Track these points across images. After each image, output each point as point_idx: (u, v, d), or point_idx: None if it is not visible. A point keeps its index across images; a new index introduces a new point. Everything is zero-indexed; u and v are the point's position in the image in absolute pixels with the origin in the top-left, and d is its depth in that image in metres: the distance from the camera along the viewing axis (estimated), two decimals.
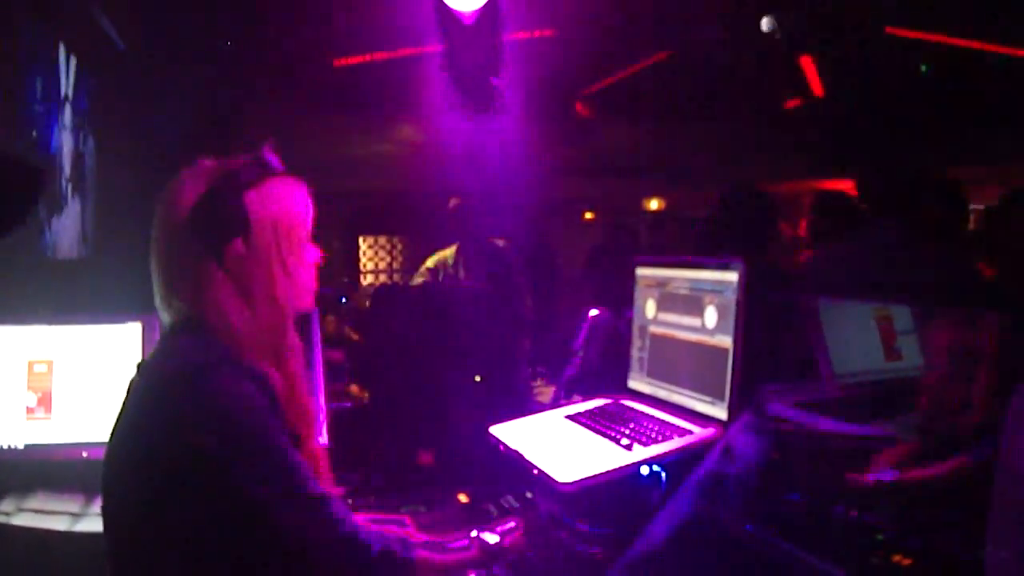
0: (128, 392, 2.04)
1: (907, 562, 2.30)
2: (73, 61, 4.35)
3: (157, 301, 2.08)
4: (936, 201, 4.70)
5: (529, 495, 2.97)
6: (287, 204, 2.13)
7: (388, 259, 12.11)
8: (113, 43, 4.52)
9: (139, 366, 2.08)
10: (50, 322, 3.43)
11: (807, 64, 7.86)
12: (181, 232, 1.99)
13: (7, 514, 3.14)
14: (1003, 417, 1.89)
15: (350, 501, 3.07)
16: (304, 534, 1.93)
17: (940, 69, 7.78)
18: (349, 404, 4.00)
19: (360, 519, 2.18)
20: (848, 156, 8.97)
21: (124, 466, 1.97)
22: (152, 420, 1.94)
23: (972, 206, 4.94)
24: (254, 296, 2.04)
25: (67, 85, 4.34)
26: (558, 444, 2.79)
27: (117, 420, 2.02)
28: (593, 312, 3.34)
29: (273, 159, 2.14)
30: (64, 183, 4.29)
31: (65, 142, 4.32)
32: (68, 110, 4.38)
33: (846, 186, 8.55)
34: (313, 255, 2.19)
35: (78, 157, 4.55)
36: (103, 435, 2.99)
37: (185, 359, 1.99)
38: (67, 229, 4.32)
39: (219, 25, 5.14)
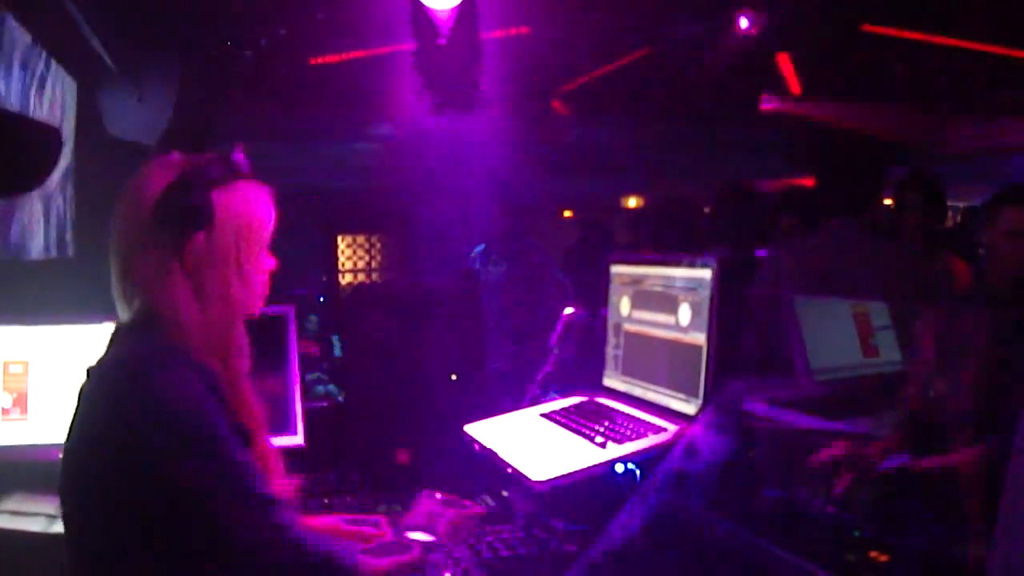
0: (79, 396, 2.04)
1: (884, 558, 2.31)
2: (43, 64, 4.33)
3: (115, 294, 2.08)
4: (917, 197, 4.75)
5: (505, 493, 2.98)
6: (252, 208, 2.13)
7: (367, 258, 12.09)
8: (90, 45, 4.50)
9: (88, 370, 2.08)
10: (26, 323, 3.42)
11: (784, 62, 7.89)
12: (144, 221, 1.99)
13: None
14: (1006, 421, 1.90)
15: (326, 501, 3.07)
16: (246, 533, 1.92)
17: (916, 66, 7.81)
18: (325, 403, 4.00)
19: (307, 523, 2.20)
20: (825, 154, 9.00)
21: (76, 467, 1.97)
22: (98, 417, 1.95)
23: (951, 203, 4.97)
24: (207, 293, 2.03)
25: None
26: (532, 442, 2.80)
27: (70, 425, 2.01)
28: (568, 310, 3.34)
29: (243, 161, 2.13)
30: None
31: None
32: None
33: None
34: (269, 262, 2.19)
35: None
36: None
37: (131, 355, 2.00)
38: (36, 231, 4.30)
39: (194, 24, 5.12)
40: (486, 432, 2.95)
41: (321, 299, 7.03)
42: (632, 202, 13.43)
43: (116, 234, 2.05)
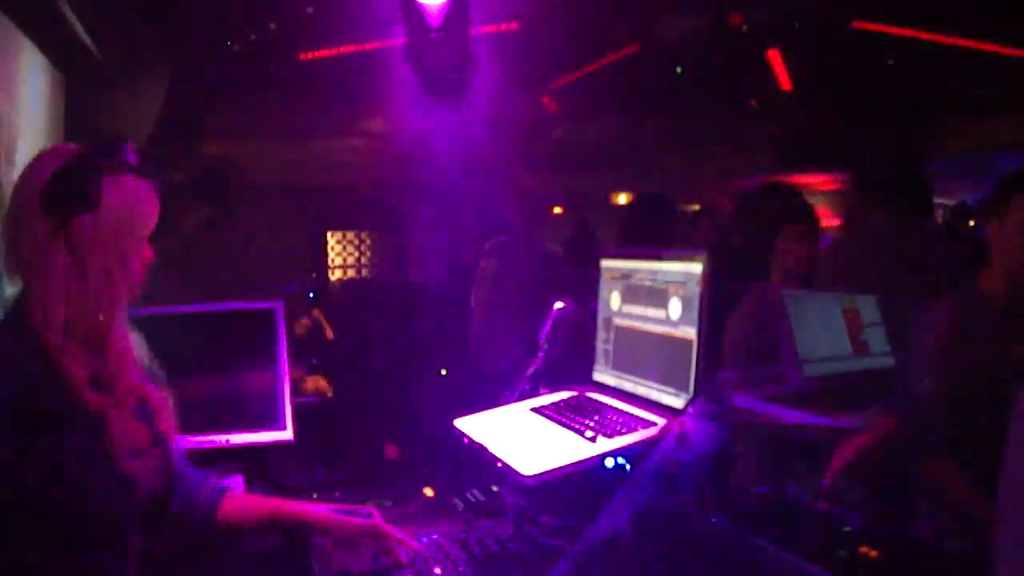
0: None
1: (874, 554, 2.31)
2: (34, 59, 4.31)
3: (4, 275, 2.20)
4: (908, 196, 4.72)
5: (495, 489, 2.97)
6: (137, 199, 2.21)
7: (356, 254, 12.08)
8: (80, 40, 4.49)
9: None
10: None
11: (774, 58, 7.89)
12: (32, 201, 2.08)
13: None
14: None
15: (315, 495, 3.07)
16: None
17: (906, 63, 7.82)
18: (315, 399, 3.99)
19: None
20: (815, 150, 9.02)
21: None
22: None
23: (941, 201, 4.97)
24: (88, 276, 2.11)
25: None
26: (522, 437, 2.79)
27: None
28: (558, 304, 3.34)
29: (132, 154, 2.22)
30: None
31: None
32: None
33: (812, 180, 8.60)
34: (148, 253, 2.26)
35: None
36: None
37: None
38: None
39: (184, 19, 5.11)
40: (476, 426, 2.95)
41: (311, 295, 7.04)
42: (622, 199, 13.42)
43: (8, 214, 2.14)
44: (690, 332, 2.67)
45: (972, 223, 8.16)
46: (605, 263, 3.26)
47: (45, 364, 2.06)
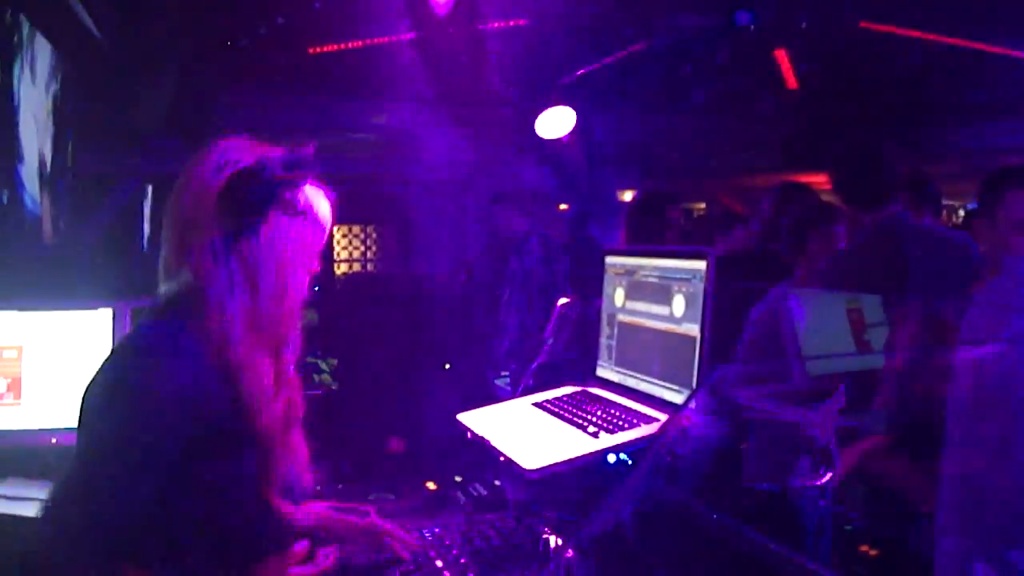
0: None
1: (874, 553, 2.33)
2: (42, 55, 4.33)
3: (161, 268, 2.07)
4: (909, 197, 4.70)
5: (497, 483, 2.98)
6: (318, 209, 2.15)
7: (362, 248, 12.08)
8: (87, 30, 4.50)
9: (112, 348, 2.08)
10: (20, 308, 3.42)
11: (781, 57, 7.89)
12: (211, 201, 1.99)
13: None
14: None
15: (318, 488, 3.07)
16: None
17: (915, 64, 7.81)
18: (319, 391, 4.00)
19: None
20: (822, 150, 9.01)
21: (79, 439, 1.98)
22: (97, 394, 1.96)
23: (949, 202, 4.94)
24: (260, 284, 2.03)
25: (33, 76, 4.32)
26: (525, 431, 2.80)
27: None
28: (562, 300, 3.35)
29: (313, 160, 2.14)
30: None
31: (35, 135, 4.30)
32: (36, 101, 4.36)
33: (818, 180, 8.59)
34: (316, 266, 2.19)
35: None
36: (73, 421, 3.00)
37: (147, 334, 2.03)
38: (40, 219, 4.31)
39: (193, 12, 5.12)
40: (478, 421, 2.96)
41: (316, 288, 7.03)
42: (628, 196, 13.44)
43: (178, 208, 2.04)
44: (693, 329, 2.68)
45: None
46: (610, 259, 3.26)
47: (222, 379, 1.96)
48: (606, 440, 2.57)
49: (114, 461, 1.87)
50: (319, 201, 2.16)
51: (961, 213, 10.65)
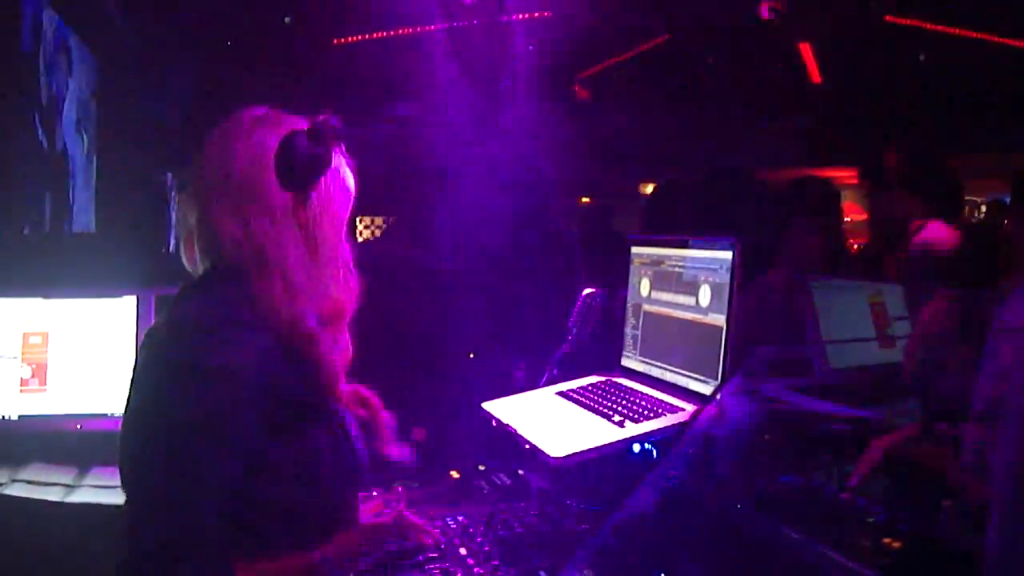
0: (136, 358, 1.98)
1: (897, 545, 2.31)
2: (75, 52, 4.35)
3: (198, 246, 2.04)
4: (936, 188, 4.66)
5: (520, 472, 2.98)
6: (349, 173, 2.16)
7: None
8: (116, 25, 4.52)
9: (147, 331, 2.03)
10: (46, 295, 3.44)
11: (806, 51, 7.88)
12: (268, 171, 1.97)
13: (1, 484, 3.16)
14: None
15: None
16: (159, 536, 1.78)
17: (939, 58, 7.79)
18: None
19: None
20: (844, 143, 9.00)
21: (125, 426, 1.92)
22: (145, 378, 1.91)
23: (971, 197, 4.93)
24: (320, 250, 2.01)
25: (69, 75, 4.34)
26: (550, 420, 2.80)
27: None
28: (587, 290, 3.34)
29: (343, 129, 2.13)
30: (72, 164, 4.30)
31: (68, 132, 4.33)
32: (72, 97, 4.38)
33: (840, 173, 8.57)
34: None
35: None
36: (97, 407, 3.01)
37: (199, 311, 1.96)
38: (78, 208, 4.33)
39: (217, 4, 5.13)
40: (503, 409, 2.96)
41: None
42: (650, 189, 13.44)
43: (224, 173, 1.98)
44: (719, 319, 2.67)
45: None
46: (636, 249, 3.26)
47: (288, 350, 1.93)
48: (632, 429, 2.56)
49: (203, 448, 1.81)
50: (347, 170, 2.15)
51: (983, 209, 10.59)
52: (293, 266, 1.95)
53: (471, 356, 3.55)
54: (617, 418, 2.64)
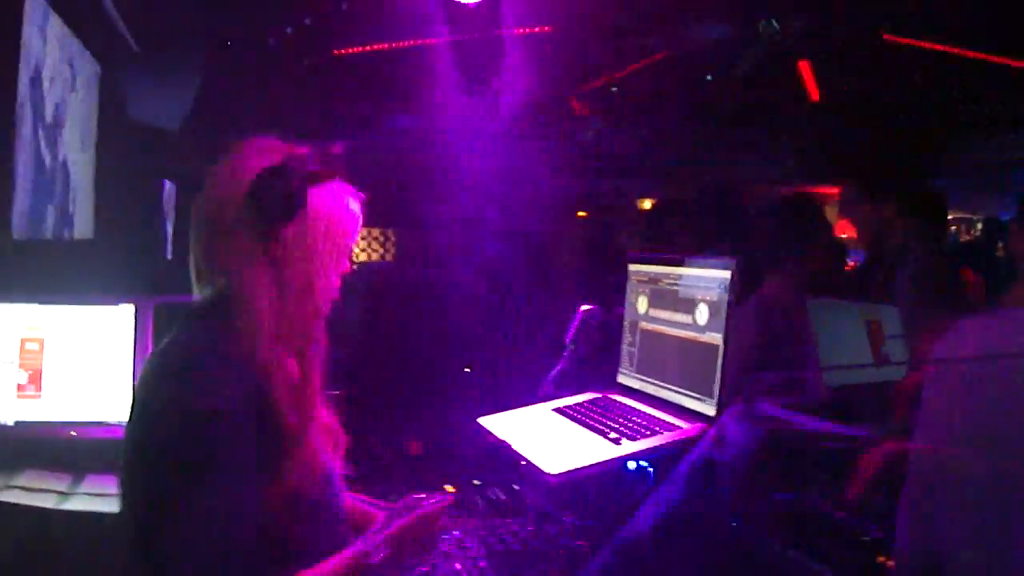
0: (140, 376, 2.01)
1: (891, 564, 2.32)
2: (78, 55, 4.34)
3: (193, 274, 2.06)
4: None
5: (516, 487, 2.99)
6: (342, 208, 2.12)
7: (381, 251, 12.09)
8: (119, 32, 4.52)
9: (152, 352, 2.06)
10: (43, 301, 3.44)
11: (804, 68, 7.88)
12: (237, 203, 1.97)
13: None
14: None
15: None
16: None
17: (938, 76, 7.80)
18: (337, 391, 4.00)
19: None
20: (842, 161, 9.00)
21: (126, 450, 1.93)
22: (142, 403, 1.94)
23: (966, 215, 4.95)
24: (289, 286, 2.01)
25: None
26: (546, 436, 2.80)
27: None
28: (584, 307, 3.35)
29: (341, 160, 2.12)
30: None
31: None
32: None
33: (835, 191, 8.58)
34: (345, 266, 2.16)
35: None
36: (92, 414, 3.00)
37: (187, 343, 1.98)
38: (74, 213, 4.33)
39: (219, 10, 5.13)
40: (500, 425, 2.96)
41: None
42: (648, 204, 13.45)
43: (206, 211, 2.02)
44: (716, 338, 2.69)
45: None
46: (633, 267, 3.27)
47: (253, 381, 1.92)
48: (628, 447, 2.57)
49: (216, 489, 1.82)
50: (347, 201, 2.14)
51: (979, 226, 10.62)
52: (259, 305, 1.96)
53: (467, 370, 3.56)
54: (613, 435, 2.65)
